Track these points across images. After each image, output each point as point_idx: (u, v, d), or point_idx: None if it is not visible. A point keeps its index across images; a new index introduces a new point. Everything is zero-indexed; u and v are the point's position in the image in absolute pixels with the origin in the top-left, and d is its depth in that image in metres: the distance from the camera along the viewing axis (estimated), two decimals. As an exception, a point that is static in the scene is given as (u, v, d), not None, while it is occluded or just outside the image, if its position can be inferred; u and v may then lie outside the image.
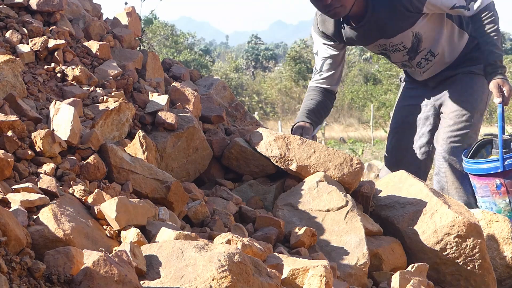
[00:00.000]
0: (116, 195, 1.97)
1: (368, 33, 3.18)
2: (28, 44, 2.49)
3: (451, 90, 3.31)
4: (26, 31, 2.53)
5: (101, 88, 2.49)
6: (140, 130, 2.34)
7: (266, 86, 31.19)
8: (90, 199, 1.86)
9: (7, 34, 2.46)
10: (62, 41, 2.54)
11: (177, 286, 1.52)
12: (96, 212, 1.82)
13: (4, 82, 2.15)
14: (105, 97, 2.43)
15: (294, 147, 2.55)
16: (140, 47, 3.41)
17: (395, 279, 2.04)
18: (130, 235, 1.74)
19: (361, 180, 2.60)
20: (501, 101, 2.98)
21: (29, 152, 1.91)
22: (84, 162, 2.01)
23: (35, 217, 1.67)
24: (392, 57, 3.34)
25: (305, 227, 2.21)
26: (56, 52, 2.52)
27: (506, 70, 3.05)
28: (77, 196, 1.86)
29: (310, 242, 2.20)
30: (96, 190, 1.89)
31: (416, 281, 2.03)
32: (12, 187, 1.75)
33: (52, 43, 2.51)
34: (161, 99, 2.59)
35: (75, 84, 2.47)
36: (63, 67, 2.50)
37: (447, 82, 3.35)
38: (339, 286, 1.93)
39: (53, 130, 2.04)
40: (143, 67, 2.89)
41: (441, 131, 3.27)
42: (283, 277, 1.83)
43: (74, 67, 2.50)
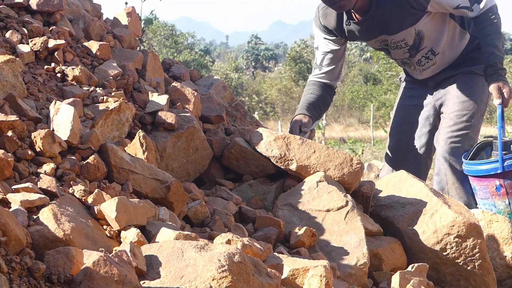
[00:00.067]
0: (116, 195, 1.97)
1: (370, 28, 3.18)
2: (28, 44, 2.49)
3: (451, 90, 3.31)
4: (26, 31, 2.53)
5: (101, 88, 2.49)
6: (140, 130, 2.33)
7: (266, 86, 31.18)
8: (90, 199, 1.86)
9: (7, 34, 2.46)
10: (62, 41, 2.54)
11: (177, 286, 1.52)
12: (96, 212, 1.82)
13: (4, 82, 2.15)
14: (105, 97, 2.43)
15: (294, 147, 2.55)
16: (140, 47, 3.41)
17: (395, 279, 2.04)
18: (130, 235, 1.74)
19: (361, 180, 2.60)
20: (500, 102, 2.99)
21: (29, 152, 1.91)
22: (84, 162, 2.01)
23: (35, 217, 1.67)
24: (393, 54, 3.34)
25: (305, 227, 2.21)
26: (56, 52, 2.52)
27: (506, 72, 3.06)
28: (77, 196, 1.86)
29: (310, 242, 2.20)
30: (96, 190, 1.89)
31: (416, 281, 2.03)
32: (12, 187, 1.75)
33: (52, 43, 2.51)
34: (161, 99, 2.59)
35: (75, 84, 2.47)
36: (63, 67, 2.50)
37: (447, 82, 3.35)
38: (339, 286, 1.93)
39: (53, 130, 2.04)
40: (143, 67, 2.89)
41: (441, 131, 3.27)
42: (283, 277, 1.83)
43: (74, 67, 2.50)
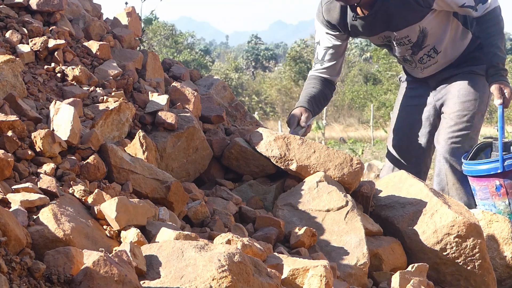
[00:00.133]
0: (116, 195, 1.97)
1: (374, 24, 3.17)
2: (28, 44, 2.49)
3: (452, 90, 3.31)
4: (26, 31, 2.53)
5: (101, 88, 2.49)
6: (140, 130, 2.33)
7: (266, 86, 31.19)
8: (90, 199, 1.86)
9: (7, 34, 2.46)
10: (62, 41, 2.54)
11: (177, 286, 1.52)
12: (96, 212, 1.82)
13: (4, 82, 2.15)
14: (105, 97, 2.43)
15: (294, 147, 2.55)
16: (140, 47, 3.41)
17: (395, 279, 2.04)
18: (130, 235, 1.74)
19: (361, 180, 2.60)
20: (501, 102, 3.00)
21: (29, 152, 1.91)
22: (84, 162, 2.01)
23: (35, 217, 1.67)
24: (395, 50, 3.33)
25: (305, 227, 2.21)
26: (56, 52, 2.52)
27: (507, 73, 3.06)
28: (77, 196, 1.86)
29: (310, 242, 2.20)
30: (96, 190, 1.89)
31: (416, 281, 2.03)
32: (12, 187, 1.75)
33: (52, 43, 2.51)
34: (161, 99, 2.59)
35: (75, 84, 2.47)
36: (63, 67, 2.50)
37: (448, 82, 3.35)
38: (339, 286, 1.93)
39: (53, 130, 2.04)
40: (143, 67, 2.89)
41: (441, 131, 3.27)
42: (283, 277, 1.83)
43: (74, 67, 2.50)
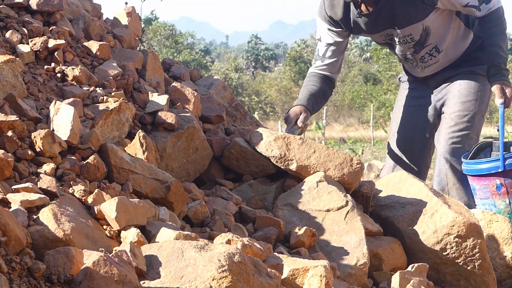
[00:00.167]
0: (116, 195, 1.97)
1: (378, 21, 3.16)
2: (28, 44, 2.49)
3: (452, 90, 3.31)
4: (26, 31, 2.53)
5: (101, 88, 2.49)
6: (140, 130, 2.33)
7: (266, 86, 31.20)
8: (90, 199, 1.86)
9: (7, 34, 2.46)
10: (62, 41, 2.54)
11: (177, 286, 1.52)
12: (96, 212, 1.82)
13: (4, 82, 2.15)
14: (105, 97, 2.43)
15: (294, 147, 2.55)
16: (140, 47, 3.41)
17: (395, 279, 2.04)
18: (130, 235, 1.74)
19: (361, 180, 2.60)
20: (502, 102, 3.00)
21: (29, 152, 1.91)
22: (84, 162, 2.01)
23: (35, 217, 1.67)
24: (397, 49, 3.32)
25: (305, 227, 2.21)
26: (56, 52, 2.52)
27: (509, 73, 3.07)
28: (77, 196, 1.86)
29: (310, 242, 2.20)
30: (96, 190, 1.89)
31: (416, 281, 2.03)
32: (12, 187, 1.75)
33: (52, 43, 2.51)
34: (161, 99, 2.59)
35: (75, 84, 2.47)
36: (63, 67, 2.50)
37: (449, 82, 3.35)
38: (339, 286, 1.93)
39: (53, 130, 2.04)
40: (143, 67, 2.89)
41: (442, 131, 3.27)
42: (283, 277, 1.83)
43: (74, 67, 2.50)
